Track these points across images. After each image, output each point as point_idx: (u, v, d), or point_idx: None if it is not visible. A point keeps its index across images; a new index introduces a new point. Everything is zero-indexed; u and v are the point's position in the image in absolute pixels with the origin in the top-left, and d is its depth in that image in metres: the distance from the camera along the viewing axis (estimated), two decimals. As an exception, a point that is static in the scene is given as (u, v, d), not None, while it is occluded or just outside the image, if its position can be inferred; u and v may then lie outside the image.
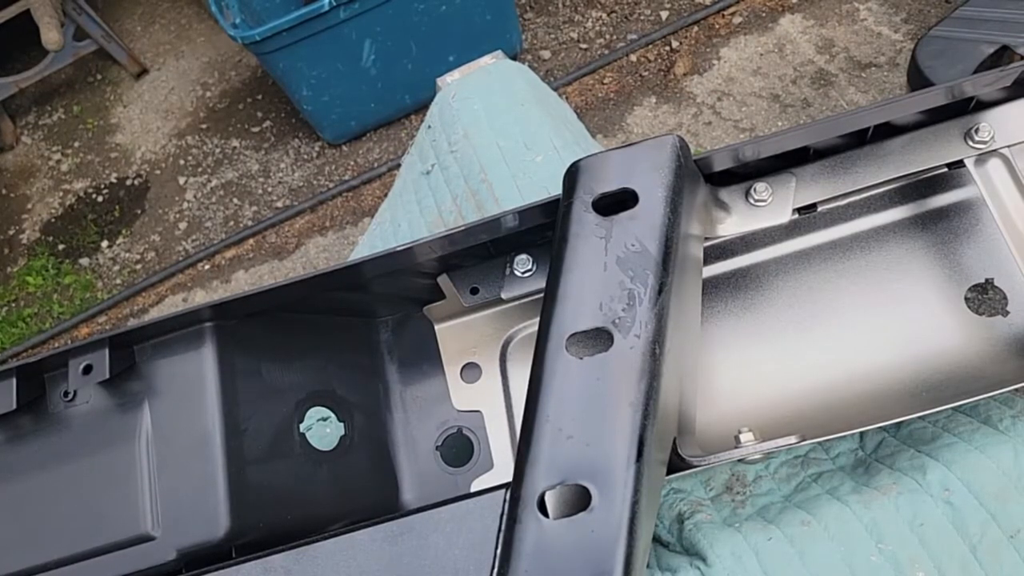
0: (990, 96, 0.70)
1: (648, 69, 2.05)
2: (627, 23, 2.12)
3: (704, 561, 0.63)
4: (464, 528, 0.59)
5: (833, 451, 0.71)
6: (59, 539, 0.64)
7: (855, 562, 0.61)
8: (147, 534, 0.63)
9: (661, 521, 0.69)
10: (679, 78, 2.00)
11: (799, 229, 0.75)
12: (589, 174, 0.63)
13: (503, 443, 0.75)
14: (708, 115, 1.94)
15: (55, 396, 0.69)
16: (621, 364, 0.55)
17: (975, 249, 0.72)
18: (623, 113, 2.00)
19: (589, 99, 2.04)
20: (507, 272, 0.74)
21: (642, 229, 0.59)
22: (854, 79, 1.90)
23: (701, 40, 2.04)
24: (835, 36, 1.97)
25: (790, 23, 2.01)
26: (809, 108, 1.89)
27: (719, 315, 0.75)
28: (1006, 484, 0.62)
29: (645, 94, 2.01)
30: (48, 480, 0.66)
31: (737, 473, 0.70)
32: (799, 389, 0.71)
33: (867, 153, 0.72)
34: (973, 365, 0.68)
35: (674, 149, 0.62)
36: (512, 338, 0.78)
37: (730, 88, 1.96)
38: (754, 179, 0.71)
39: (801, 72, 1.94)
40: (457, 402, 0.78)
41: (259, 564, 0.61)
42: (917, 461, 0.65)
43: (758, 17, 2.04)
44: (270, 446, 0.69)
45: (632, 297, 0.57)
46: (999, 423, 0.66)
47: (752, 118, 1.90)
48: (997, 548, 0.61)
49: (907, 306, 0.72)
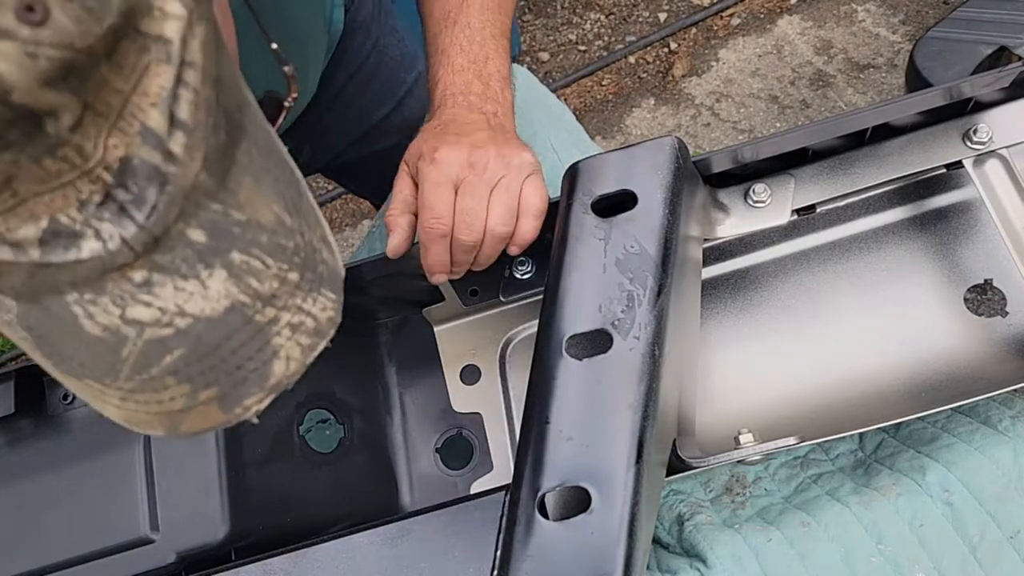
0: (988, 97, 0.70)
1: (646, 71, 2.05)
2: (625, 25, 2.13)
3: (704, 563, 0.63)
4: (464, 530, 0.59)
5: (833, 452, 0.71)
6: (58, 542, 0.64)
7: (855, 563, 0.61)
8: (146, 537, 0.63)
9: (661, 523, 0.69)
10: (677, 80, 2.00)
11: (798, 230, 0.76)
12: (588, 176, 0.63)
13: (503, 445, 0.75)
14: (707, 116, 1.94)
15: (54, 399, 0.69)
16: (620, 366, 0.55)
17: (974, 250, 0.72)
18: (622, 115, 2.00)
19: (587, 101, 2.04)
20: (506, 274, 0.74)
21: (641, 231, 0.59)
22: (852, 80, 1.90)
23: (699, 42, 2.04)
24: (833, 37, 1.97)
25: (788, 24, 2.01)
26: (807, 109, 1.89)
27: (718, 316, 0.75)
28: (1006, 485, 0.62)
29: (643, 96, 2.02)
30: (47, 483, 0.66)
31: (737, 474, 0.70)
32: (798, 390, 0.71)
33: (866, 154, 0.72)
34: (972, 366, 0.68)
35: (673, 150, 0.62)
36: (511, 340, 0.78)
37: (728, 89, 1.96)
38: (753, 180, 0.71)
39: (799, 73, 1.94)
40: (456, 404, 0.78)
41: (259, 567, 0.61)
42: (917, 462, 0.65)
43: (756, 19, 2.04)
44: (269, 448, 0.69)
45: (631, 299, 0.57)
46: (998, 424, 0.66)
47: (751, 119, 1.91)
48: (997, 549, 0.61)
49: (906, 307, 0.72)
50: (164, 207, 0.31)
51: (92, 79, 0.28)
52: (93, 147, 0.29)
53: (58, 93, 0.27)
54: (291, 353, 0.36)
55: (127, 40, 0.29)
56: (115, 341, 0.33)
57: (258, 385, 0.35)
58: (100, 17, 0.27)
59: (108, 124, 0.29)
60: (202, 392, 0.34)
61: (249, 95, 0.37)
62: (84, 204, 0.30)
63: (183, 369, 0.33)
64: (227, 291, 0.33)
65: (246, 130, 0.35)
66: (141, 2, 0.29)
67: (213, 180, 0.33)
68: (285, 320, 0.35)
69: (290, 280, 0.35)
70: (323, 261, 0.38)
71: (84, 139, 0.29)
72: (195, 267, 0.33)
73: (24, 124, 0.27)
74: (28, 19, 0.26)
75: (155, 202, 0.31)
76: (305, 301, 0.36)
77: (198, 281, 0.33)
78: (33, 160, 0.28)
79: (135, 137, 0.30)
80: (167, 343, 0.33)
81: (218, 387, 0.34)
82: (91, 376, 0.34)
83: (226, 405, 0.35)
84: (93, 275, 0.31)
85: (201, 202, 0.32)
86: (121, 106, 0.29)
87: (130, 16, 0.29)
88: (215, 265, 0.33)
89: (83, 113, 0.29)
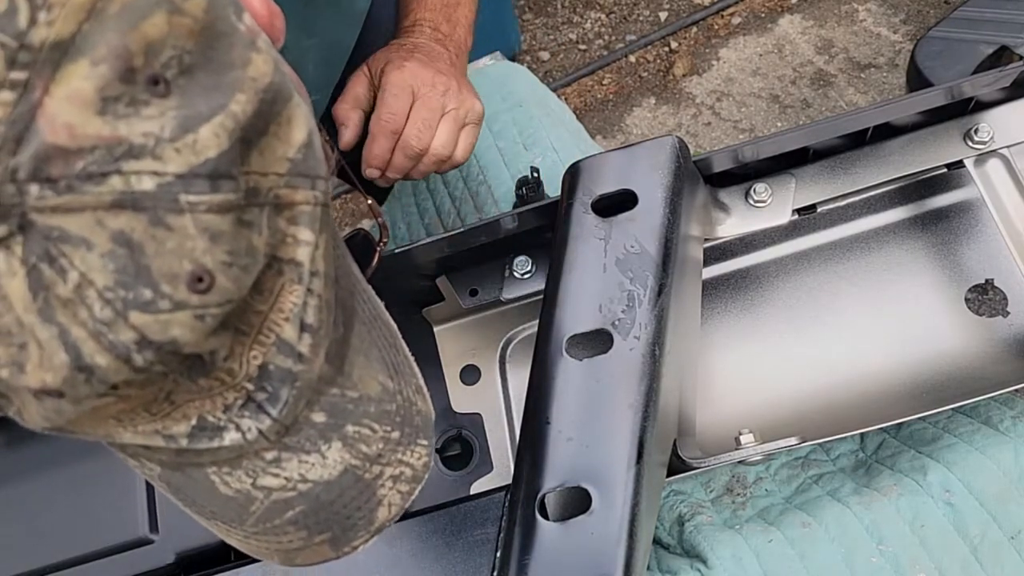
0: (989, 96, 0.70)
1: (647, 70, 2.05)
2: (626, 24, 2.12)
3: (705, 563, 0.63)
4: (464, 530, 0.59)
5: (834, 452, 0.71)
6: (57, 542, 0.64)
7: (856, 563, 0.61)
8: (145, 537, 0.63)
9: (661, 523, 0.69)
10: (678, 79, 2.00)
11: (799, 230, 0.75)
12: (588, 175, 0.62)
13: (503, 445, 0.75)
14: (707, 116, 1.94)
15: (53, 399, 0.69)
16: (621, 366, 0.55)
17: (975, 250, 0.72)
18: (622, 114, 2.00)
19: (588, 100, 2.04)
20: (506, 274, 0.74)
21: (642, 230, 0.59)
22: (853, 80, 1.90)
23: (700, 41, 2.04)
24: (834, 37, 1.97)
25: (789, 24, 2.01)
26: (808, 109, 1.89)
27: (719, 316, 0.75)
28: (1007, 485, 0.62)
29: (644, 95, 2.01)
30: (46, 483, 0.66)
31: (737, 475, 0.70)
32: (799, 390, 0.71)
33: (867, 154, 0.72)
34: (973, 366, 0.68)
35: (673, 150, 0.61)
36: (511, 340, 0.78)
37: (729, 89, 1.96)
38: (754, 180, 0.71)
39: (800, 73, 1.94)
40: (456, 404, 0.77)
41: (258, 567, 0.61)
42: (918, 462, 0.65)
43: (757, 18, 2.04)
44: (269, 449, 0.68)
45: (632, 298, 0.57)
46: (999, 424, 0.66)
47: (751, 119, 1.90)
48: (998, 549, 0.61)
49: (907, 307, 0.72)
50: (294, 401, 0.36)
51: (241, 311, 0.33)
52: (239, 366, 0.34)
53: (217, 337, 0.32)
54: (392, 500, 0.41)
55: (267, 269, 0.34)
56: (245, 500, 0.38)
57: (365, 529, 0.41)
58: (252, 270, 0.32)
59: (250, 340, 0.34)
60: (316, 536, 0.40)
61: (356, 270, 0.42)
62: (228, 408, 0.35)
63: (302, 520, 0.39)
64: (342, 458, 0.39)
65: (356, 312, 0.41)
66: (278, 237, 0.33)
67: (333, 369, 0.38)
68: (388, 474, 0.41)
69: (392, 439, 0.41)
70: (418, 412, 0.42)
71: (233, 362, 0.34)
72: (317, 443, 0.38)
73: (189, 362, 0.32)
74: (197, 288, 0.30)
75: (287, 398, 0.36)
76: (404, 454, 0.41)
77: (319, 454, 0.38)
78: (191, 380, 0.33)
79: (271, 348, 0.35)
80: (290, 502, 0.38)
81: (331, 532, 0.40)
82: (220, 520, 0.40)
83: (336, 546, 0.41)
84: (232, 456, 0.37)
85: (323, 390, 0.38)
86: (260, 324, 0.34)
87: (270, 253, 0.33)
88: (332, 439, 0.38)
89: (233, 340, 0.33)
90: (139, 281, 0.29)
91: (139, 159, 0.28)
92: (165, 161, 0.29)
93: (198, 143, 0.29)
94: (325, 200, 0.36)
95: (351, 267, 0.42)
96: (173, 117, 0.29)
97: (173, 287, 0.30)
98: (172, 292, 0.30)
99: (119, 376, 0.30)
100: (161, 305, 0.29)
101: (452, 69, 0.74)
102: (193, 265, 0.30)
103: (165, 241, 0.29)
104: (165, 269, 0.29)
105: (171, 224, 0.29)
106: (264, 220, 0.32)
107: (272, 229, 0.33)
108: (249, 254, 0.32)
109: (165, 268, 0.29)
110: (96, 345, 0.29)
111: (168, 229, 0.29)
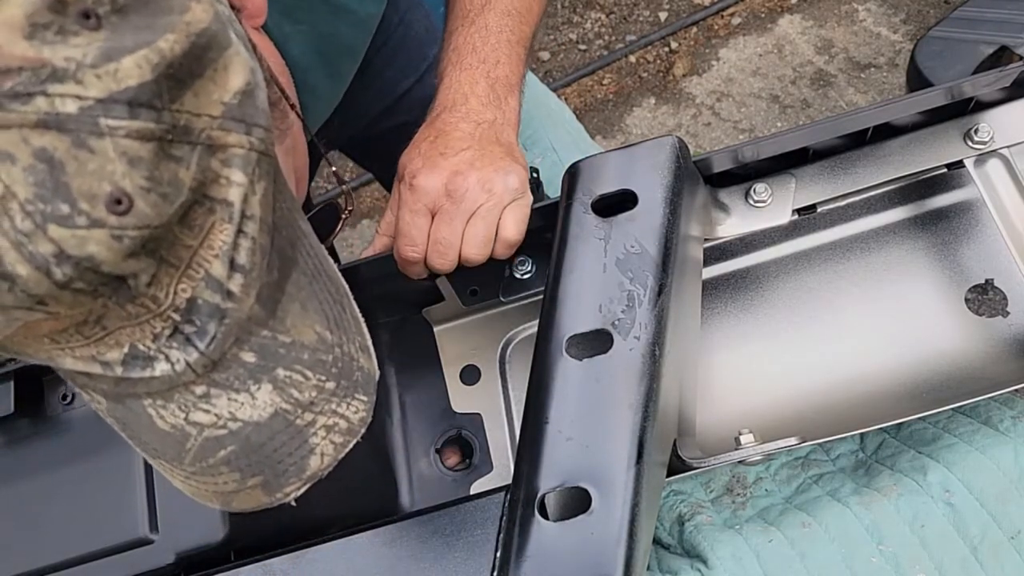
0: (989, 96, 0.70)
1: (647, 70, 2.05)
2: (626, 24, 2.12)
3: (705, 563, 0.63)
4: (463, 531, 0.59)
5: (834, 452, 0.71)
6: (57, 542, 0.64)
7: (856, 563, 0.61)
8: (145, 537, 0.63)
9: (661, 523, 0.69)
10: (678, 79, 2.00)
11: (799, 230, 0.75)
12: (588, 175, 0.62)
13: (503, 445, 0.75)
14: (707, 116, 1.94)
15: (53, 399, 0.69)
16: (621, 366, 0.55)
17: (975, 250, 0.72)
18: (622, 114, 2.00)
19: (588, 100, 2.04)
20: (506, 274, 0.74)
21: (642, 230, 0.59)
22: (853, 80, 1.90)
23: (700, 41, 2.04)
24: (834, 37, 1.97)
25: (789, 24, 2.01)
26: (808, 109, 1.89)
27: (719, 316, 0.75)
28: (1007, 485, 0.62)
29: (644, 95, 2.01)
30: (46, 483, 0.66)
31: (737, 475, 0.70)
32: (799, 390, 0.71)
33: (867, 154, 0.72)
34: (973, 366, 0.68)
35: (673, 150, 0.61)
36: (511, 340, 0.78)
37: (729, 89, 1.96)
38: (754, 180, 0.71)
39: (800, 73, 1.94)
40: (456, 404, 0.77)
41: (258, 567, 0.61)
42: (918, 462, 0.65)
43: (757, 18, 2.04)
44: (269, 449, 0.68)
45: (632, 299, 0.57)
46: (999, 424, 0.66)
47: (751, 119, 1.90)
48: (998, 549, 0.61)
49: (907, 307, 0.72)
50: (222, 337, 0.38)
51: (166, 240, 0.35)
52: (164, 295, 0.36)
53: (137, 260, 0.34)
54: (325, 450, 0.42)
55: (197, 205, 0.35)
56: (180, 436, 0.40)
57: (296, 476, 0.42)
58: (174, 200, 0.34)
59: (178, 273, 0.36)
60: (249, 479, 0.42)
61: (304, 225, 0.44)
62: (157, 336, 0.37)
63: (234, 461, 0.41)
64: (272, 400, 0.40)
65: (296, 262, 0.42)
66: (209, 175, 0.35)
67: (265, 311, 0.39)
68: (321, 423, 0.42)
69: (327, 388, 0.42)
70: (359, 368, 0.44)
71: (158, 290, 0.36)
72: (246, 383, 0.40)
73: (112, 283, 0.34)
74: (115, 210, 0.32)
75: (214, 333, 0.37)
76: (339, 406, 0.42)
77: (248, 393, 0.40)
78: (118, 305, 0.35)
79: (200, 282, 0.36)
80: (222, 441, 0.40)
81: (263, 476, 0.42)
82: (163, 459, 0.43)
83: (269, 490, 0.42)
84: (163, 388, 0.39)
85: (253, 330, 0.39)
86: (190, 258, 0.36)
87: (199, 189, 0.35)
88: (263, 380, 0.40)
89: (158, 268, 0.35)
90: (57, 196, 0.31)
91: (62, 82, 0.30)
92: (87, 86, 0.31)
93: (120, 71, 0.31)
94: (264, 148, 0.37)
95: (297, 221, 0.43)
96: (98, 47, 0.31)
97: (91, 205, 0.31)
98: (90, 210, 0.31)
99: (40, 288, 0.32)
100: (78, 221, 0.31)
101: (478, 153, 0.65)
102: (112, 187, 0.31)
103: (87, 163, 0.31)
104: (84, 188, 0.31)
105: (92, 147, 0.31)
106: (194, 157, 0.34)
107: (202, 167, 0.34)
108: (172, 184, 0.33)
109: (84, 187, 0.31)
110: (17, 255, 0.31)
111: (90, 152, 0.31)
